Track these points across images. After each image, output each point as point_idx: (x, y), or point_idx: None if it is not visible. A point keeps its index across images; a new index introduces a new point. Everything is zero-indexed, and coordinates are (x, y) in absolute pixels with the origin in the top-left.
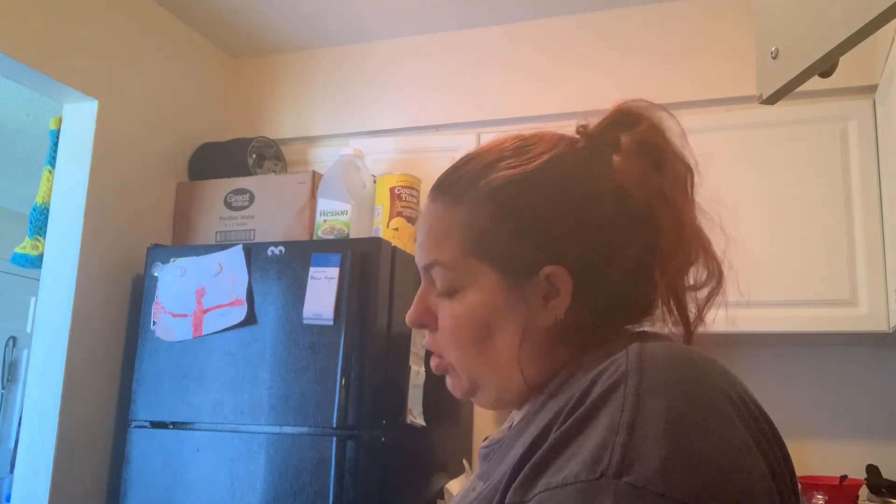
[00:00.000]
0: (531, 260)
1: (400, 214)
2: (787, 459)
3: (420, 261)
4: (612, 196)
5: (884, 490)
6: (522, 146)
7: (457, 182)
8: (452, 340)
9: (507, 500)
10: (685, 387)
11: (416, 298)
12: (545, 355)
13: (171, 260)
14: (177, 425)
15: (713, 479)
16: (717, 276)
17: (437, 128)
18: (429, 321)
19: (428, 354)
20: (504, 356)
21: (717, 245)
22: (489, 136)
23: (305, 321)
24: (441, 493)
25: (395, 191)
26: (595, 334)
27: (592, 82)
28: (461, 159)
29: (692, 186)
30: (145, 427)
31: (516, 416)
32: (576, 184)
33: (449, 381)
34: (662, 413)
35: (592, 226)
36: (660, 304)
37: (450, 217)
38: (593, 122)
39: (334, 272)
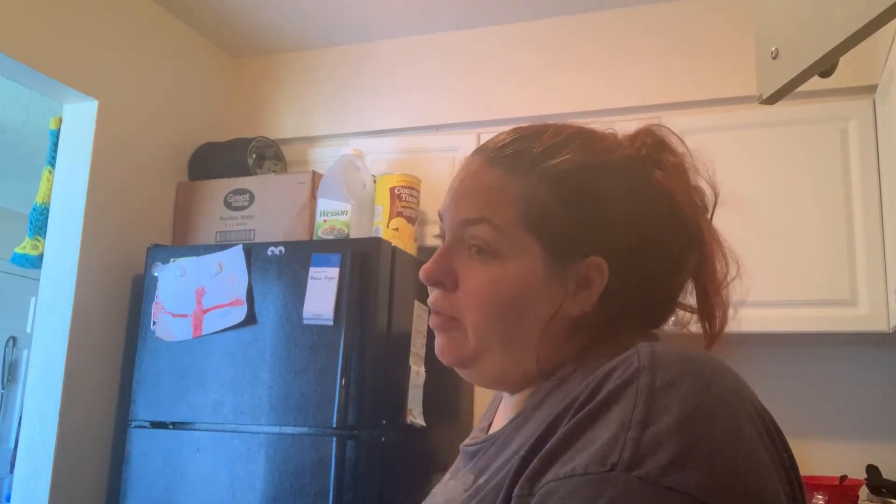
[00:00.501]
0: (582, 246)
1: (400, 214)
2: (792, 460)
3: (460, 214)
4: (666, 205)
5: (884, 490)
6: (591, 137)
7: (520, 154)
8: (481, 305)
9: (514, 493)
10: (697, 386)
11: (438, 254)
12: (560, 343)
13: (171, 260)
14: (177, 425)
15: (724, 475)
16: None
17: (437, 128)
18: (448, 280)
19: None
20: (527, 333)
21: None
22: (489, 136)
23: (305, 321)
24: None
25: (395, 191)
26: (607, 332)
27: (593, 82)
28: (518, 133)
29: (714, 209)
30: (145, 427)
31: (502, 413)
32: (640, 186)
33: (444, 341)
34: (675, 411)
35: (646, 227)
36: (689, 313)
37: (508, 184)
38: (624, 134)
39: (334, 272)
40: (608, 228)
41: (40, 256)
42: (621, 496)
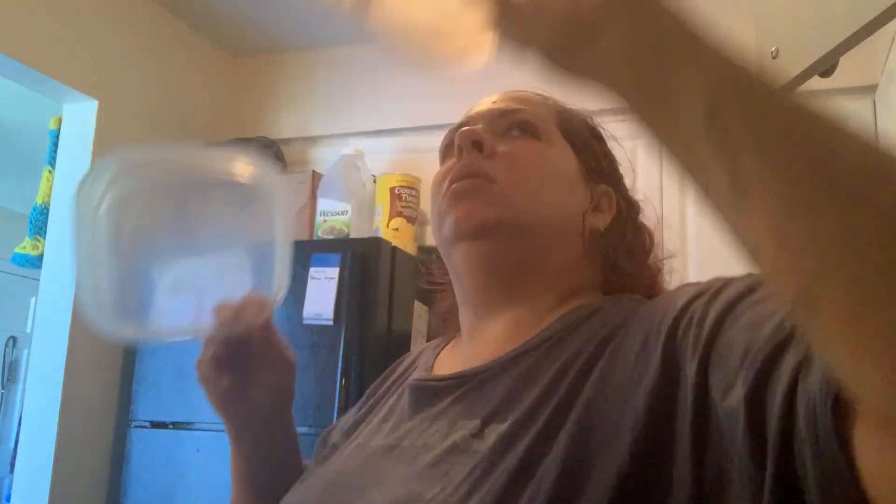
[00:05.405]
0: (602, 173)
1: (400, 214)
2: None
3: (499, 108)
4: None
5: None
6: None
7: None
8: (525, 167)
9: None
10: None
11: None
12: (580, 255)
13: None
14: (177, 425)
15: None
16: None
17: (437, 128)
18: (489, 146)
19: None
20: (560, 216)
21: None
22: None
23: (305, 321)
24: None
25: (395, 191)
26: (619, 273)
27: None
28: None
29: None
30: (145, 427)
31: (466, 352)
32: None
33: (476, 201)
34: None
35: (631, 200)
36: None
37: (546, 101)
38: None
39: (334, 272)
40: (617, 173)
41: (40, 256)
42: None
